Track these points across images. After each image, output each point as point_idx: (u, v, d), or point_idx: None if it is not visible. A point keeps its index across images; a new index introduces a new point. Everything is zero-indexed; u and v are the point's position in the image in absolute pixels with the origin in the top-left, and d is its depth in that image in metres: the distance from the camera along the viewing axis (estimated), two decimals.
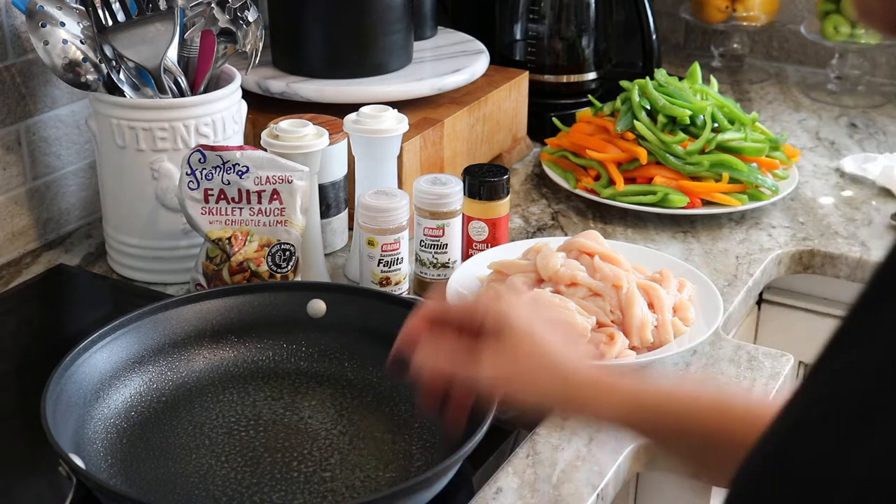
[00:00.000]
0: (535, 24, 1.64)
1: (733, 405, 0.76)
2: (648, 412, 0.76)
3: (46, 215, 1.33)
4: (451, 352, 0.80)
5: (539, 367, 0.78)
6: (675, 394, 0.78)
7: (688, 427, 0.75)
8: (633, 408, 0.76)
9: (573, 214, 1.42)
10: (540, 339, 0.78)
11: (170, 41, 1.18)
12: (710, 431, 0.74)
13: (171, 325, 1.02)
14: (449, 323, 0.82)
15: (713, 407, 0.76)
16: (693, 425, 0.75)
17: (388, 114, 1.21)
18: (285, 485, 0.89)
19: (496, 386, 0.80)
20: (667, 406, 0.77)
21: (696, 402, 0.76)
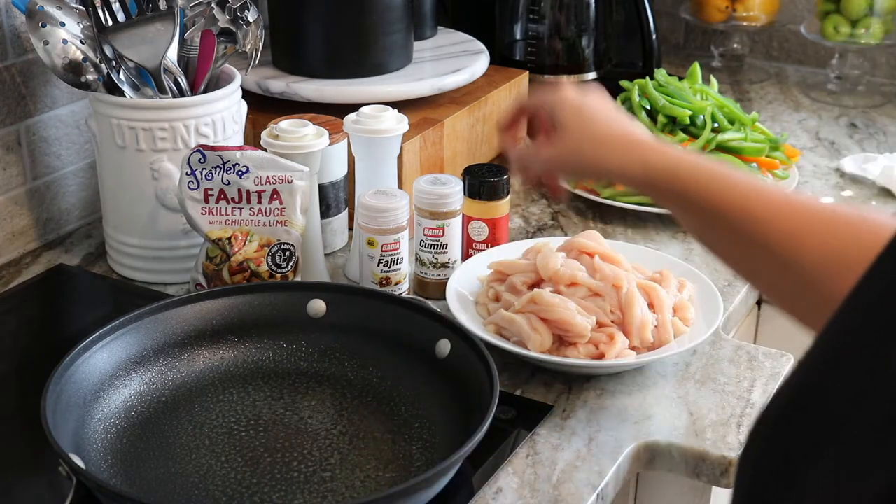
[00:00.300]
0: (535, 24, 1.64)
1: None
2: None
3: (46, 215, 1.33)
4: (525, 150, 0.99)
5: (594, 139, 0.91)
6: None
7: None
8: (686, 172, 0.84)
9: (573, 214, 1.42)
10: (589, 114, 0.92)
11: (170, 41, 1.18)
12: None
13: (171, 325, 1.02)
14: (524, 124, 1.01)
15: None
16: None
17: (388, 114, 1.21)
18: (285, 485, 0.89)
19: (560, 164, 0.96)
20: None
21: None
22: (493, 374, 0.92)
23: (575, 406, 1.03)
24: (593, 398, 1.04)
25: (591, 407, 1.03)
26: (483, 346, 0.97)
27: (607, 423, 1.00)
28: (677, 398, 1.04)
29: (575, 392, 1.05)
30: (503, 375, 1.06)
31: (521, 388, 1.06)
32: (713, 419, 1.01)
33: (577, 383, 1.06)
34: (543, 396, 1.04)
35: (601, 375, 1.07)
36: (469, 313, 1.11)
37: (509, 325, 1.06)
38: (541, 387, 1.06)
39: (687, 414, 1.02)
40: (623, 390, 1.05)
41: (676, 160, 0.85)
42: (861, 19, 1.80)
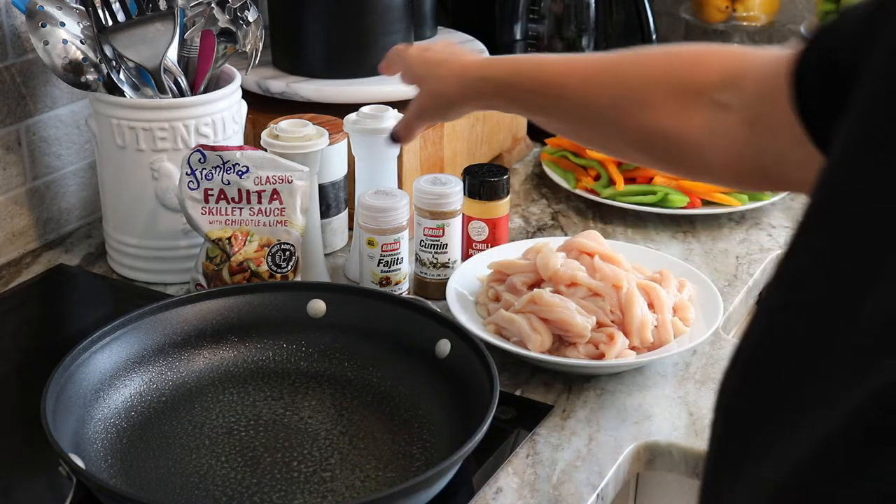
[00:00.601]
0: (535, 24, 1.64)
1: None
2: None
3: (46, 215, 1.33)
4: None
5: (439, 78, 1.01)
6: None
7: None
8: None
9: (573, 214, 1.42)
10: (433, 59, 1.03)
11: (170, 41, 1.18)
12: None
13: (171, 325, 1.02)
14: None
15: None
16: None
17: (388, 113, 1.21)
18: (285, 485, 0.89)
19: (424, 109, 1.04)
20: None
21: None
22: (493, 374, 0.92)
23: (575, 406, 1.03)
24: (593, 398, 1.04)
25: (591, 407, 1.03)
26: (483, 346, 0.97)
27: (607, 423, 1.00)
28: (677, 398, 1.04)
29: (575, 392, 1.05)
30: (503, 375, 1.06)
31: (521, 388, 1.06)
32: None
33: (577, 383, 1.06)
34: (543, 396, 1.04)
35: (601, 375, 1.07)
36: (469, 313, 1.11)
37: (509, 325, 1.06)
38: (541, 387, 1.06)
39: (687, 414, 1.02)
40: (623, 390, 1.05)
41: (507, 67, 0.97)
42: None
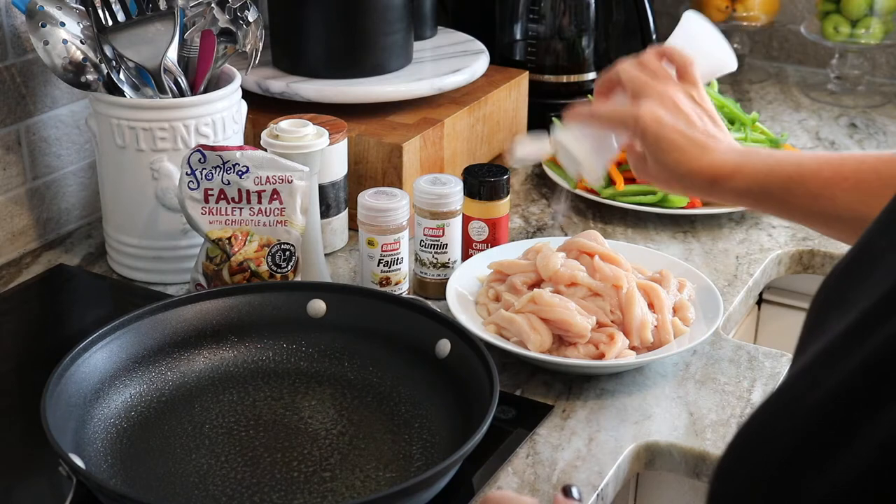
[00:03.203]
0: (535, 24, 1.64)
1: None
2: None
3: (46, 215, 1.33)
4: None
5: (673, 179, 0.95)
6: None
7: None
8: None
9: (573, 214, 1.42)
10: (666, 147, 0.94)
11: (170, 41, 1.18)
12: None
13: (171, 325, 1.02)
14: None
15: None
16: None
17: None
18: (285, 485, 0.89)
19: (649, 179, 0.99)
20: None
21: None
22: (493, 374, 0.92)
23: (575, 406, 1.03)
24: (593, 398, 1.04)
25: (591, 407, 1.03)
26: (483, 346, 0.97)
27: (607, 423, 1.00)
28: (677, 398, 1.04)
29: (575, 392, 1.05)
30: (503, 375, 1.06)
31: (521, 388, 1.06)
32: (713, 419, 1.01)
33: (577, 383, 1.06)
34: (543, 396, 1.04)
35: (601, 375, 1.07)
36: (469, 313, 1.11)
37: (509, 325, 1.06)
38: (541, 387, 1.06)
39: (687, 414, 1.02)
40: (623, 390, 1.05)
41: (762, 176, 0.91)
42: (861, 19, 1.80)
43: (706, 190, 0.94)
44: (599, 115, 0.98)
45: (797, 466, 0.44)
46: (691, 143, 0.93)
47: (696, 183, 0.94)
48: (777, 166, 0.91)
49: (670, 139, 0.93)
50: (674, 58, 0.99)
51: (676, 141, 0.93)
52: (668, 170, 0.94)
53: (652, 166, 0.96)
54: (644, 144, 0.95)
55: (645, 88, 0.96)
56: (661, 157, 0.94)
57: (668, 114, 0.94)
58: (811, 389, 0.46)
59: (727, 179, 0.92)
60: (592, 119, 0.98)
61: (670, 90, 0.95)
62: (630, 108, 0.95)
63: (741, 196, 0.93)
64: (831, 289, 0.53)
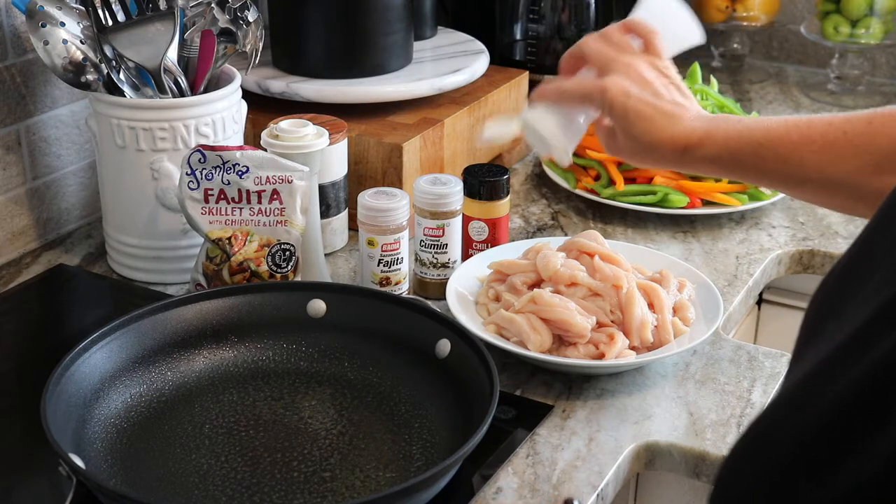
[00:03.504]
0: (535, 24, 1.64)
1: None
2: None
3: (46, 215, 1.33)
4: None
5: (640, 151, 0.95)
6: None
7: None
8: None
9: (573, 214, 1.42)
10: (633, 119, 0.93)
11: (170, 41, 1.18)
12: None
13: (171, 325, 1.02)
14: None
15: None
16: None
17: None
18: (285, 485, 0.89)
19: (615, 154, 0.99)
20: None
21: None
22: (493, 374, 0.92)
23: (575, 406, 1.03)
24: (593, 398, 1.04)
25: (591, 407, 1.03)
26: (483, 346, 0.97)
27: (607, 423, 1.00)
28: (677, 398, 1.04)
29: (575, 392, 1.05)
30: (503, 375, 1.06)
31: (521, 388, 1.06)
32: (713, 419, 1.01)
33: (577, 383, 1.06)
34: (543, 396, 1.04)
35: (601, 375, 1.07)
36: (469, 313, 1.11)
37: (509, 325, 1.06)
38: (541, 387, 1.06)
39: (687, 414, 1.02)
40: (623, 390, 1.05)
41: (732, 142, 0.92)
42: (861, 19, 1.80)
43: (677, 159, 0.94)
44: (566, 90, 0.98)
45: (798, 474, 0.44)
46: (659, 113, 0.93)
47: (667, 153, 0.94)
48: (746, 131, 0.91)
49: (638, 110, 0.93)
50: (637, 29, 0.99)
51: (644, 111, 0.93)
52: (638, 141, 0.94)
53: (621, 139, 0.96)
54: (612, 117, 0.95)
55: (610, 62, 0.96)
56: (629, 129, 0.94)
57: (635, 85, 0.94)
58: (813, 399, 0.46)
59: (697, 147, 0.92)
60: (559, 95, 0.98)
61: (635, 62, 0.95)
62: (596, 81, 0.95)
63: (712, 163, 0.93)
64: (830, 290, 0.53)
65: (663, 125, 0.93)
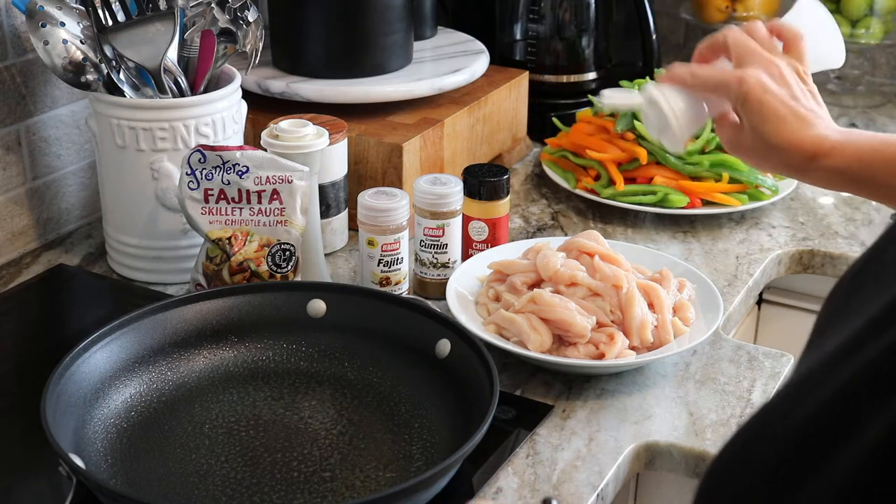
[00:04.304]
0: (535, 24, 1.64)
1: None
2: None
3: (46, 215, 1.33)
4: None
5: (768, 155, 0.92)
6: None
7: None
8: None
9: (573, 214, 1.42)
10: (766, 123, 0.90)
11: (170, 41, 1.18)
12: None
13: (171, 325, 1.02)
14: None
15: None
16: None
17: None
18: (285, 485, 0.89)
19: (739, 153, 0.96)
20: None
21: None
22: (493, 374, 0.92)
23: (575, 406, 1.03)
24: (593, 398, 1.04)
25: (591, 407, 1.03)
26: (483, 346, 0.97)
27: (607, 423, 1.00)
28: (677, 398, 1.04)
29: (575, 392, 1.05)
30: (503, 375, 1.06)
31: (521, 388, 1.06)
32: (713, 419, 1.01)
33: (577, 383, 1.06)
34: (543, 396, 1.04)
35: (601, 375, 1.07)
36: (469, 313, 1.11)
37: (509, 325, 1.06)
38: (541, 387, 1.06)
39: (687, 414, 1.02)
40: (623, 390, 1.05)
41: (865, 156, 0.88)
42: (861, 19, 1.80)
43: (803, 165, 0.90)
44: (701, 74, 0.94)
45: (795, 469, 0.45)
46: (794, 115, 0.90)
47: (794, 157, 0.90)
48: (881, 146, 0.88)
49: (773, 107, 0.90)
50: (783, 32, 0.96)
51: (779, 110, 0.90)
52: (766, 140, 0.91)
53: (748, 136, 0.92)
54: (744, 110, 0.92)
55: (751, 54, 0.93)
56: (760, 126, 0.91)
57: (774, 82, 0.91)
58: (809, 395, 0.46)
59: (826, 156, 0.89)
60: (692, 78, 0.95)
61: (777, 60, 0.93)
62: (735, 70, 0.92)
63: (840, 175, 0.89)
64: (840, 296, 0.53)
65: (796, 127, 0.90)
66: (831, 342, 0.48)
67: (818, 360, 0.47)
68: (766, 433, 0.47)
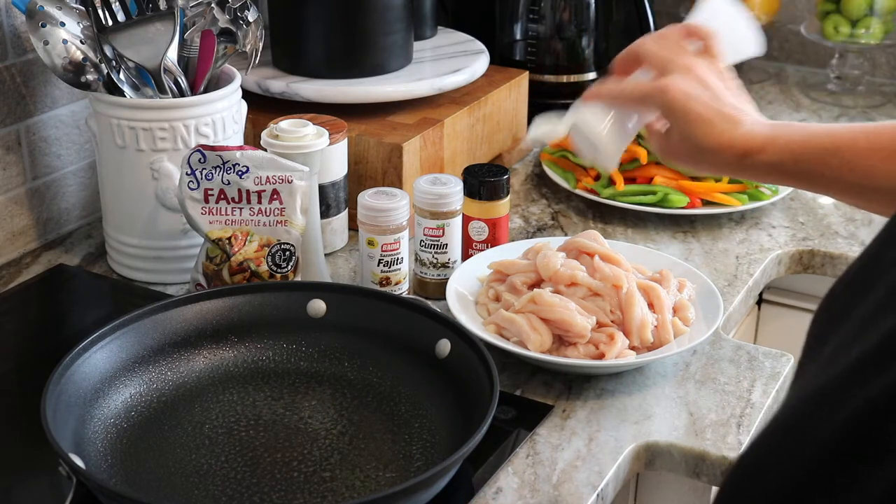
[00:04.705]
0: (535, 24, 1.64)
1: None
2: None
3: (46, 215, 1.33)
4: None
5: (694, 158, 0.93)
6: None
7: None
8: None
9: (573, 214, 1.42)
10: (692, 125, 0.91)
11: (170, 41, 1.18)
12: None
13: (171, 325, 1.02)
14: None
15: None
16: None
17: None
18: (285, 485, 0.89)
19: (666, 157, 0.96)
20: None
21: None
22: (493, 374, 0.92)
23: (575, 406, 1.03)
24: (593, 398, 1.04)
25: (591, 407, 1.03)
26: (483, 346, 0.97)
27: (607, 423, 1.00)
28: (677, 398, 1.04)
29: (575, 392, 1.05)
30: (503, 375, 1.06)
31: (521, 388, 1.06)
32: (713, 419, 1.01)
33: (577, 383, 1.06)
34: (543, 396, 1.04)
35: (601, 375, 1.07)
36: (469, 313, 1.11)
37: (509, 325, 1.06)
38: (541, 387, 1.06)
39: (687, 414, 1.02)
40: (623, 390, 1.05)
41: (796, 148, 0.89)
42: (861, 19, 1.80)
43: (735, 165, 0.91)
44: (622, 90, 0.95)
45: (812, 493, 0.44)
46: (720, 116, 0.91)
47: (726, 157, 0.91)
48: (811, 137, 0.88)
49: (698, 111, 0.90)
50: (695, 32, 0.96)
51: (704, 113, 0.90)
52: (696, 145, 0.91)
53: (678, 143, 0.93)
54: (671, 119, 0.92)
55: (669, 62, 0.93)
56: (688, 132, 0.91)
57: (696, 87, 0.91)
58: (817, 425, 0.45)
59: (758, 152, 0.89)
60: (615, 96, 0.95)
61: (695, 64, 0.93)
62: (656, 82, 0.93)
63: (773, 170, 0.90)
64: (837, 300, 0.53)
65: (724, 128, 0.90)
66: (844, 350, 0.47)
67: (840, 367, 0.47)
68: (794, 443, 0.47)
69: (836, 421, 0.44)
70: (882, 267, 0.50)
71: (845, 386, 0.45)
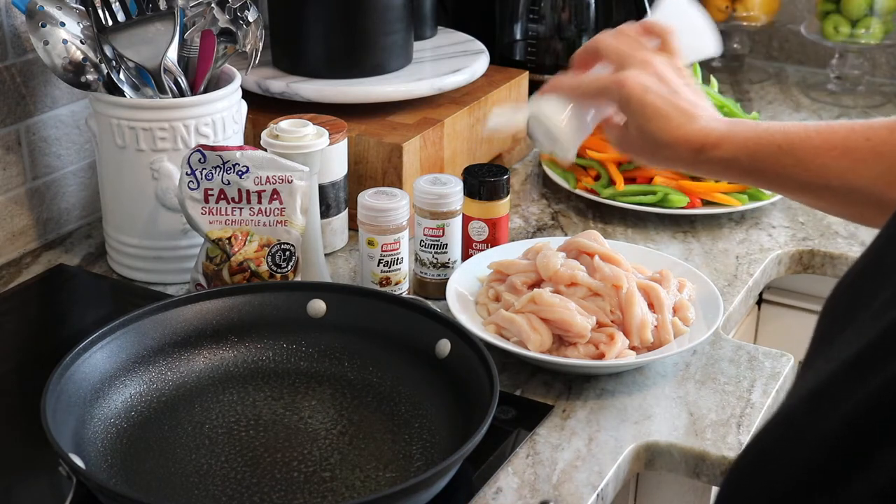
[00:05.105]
0: (535, 24, 1.64)
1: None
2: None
3: (46, 215, 1.33)
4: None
5: (650, 150, 0.94)
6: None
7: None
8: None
9: (573, 214, 1.42)
10: (650, 116, 0.91)
11: (170, 41, 1.18)
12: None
13: (171, 325, 1.02)
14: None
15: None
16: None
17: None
18: (285, 485, 0.89)
19: (622, 149, 0.98)
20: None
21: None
22: (493, 374, 0.92)
23: (575, 406, 1.03)
24: (593, 398, 1.04)
25: (591, 407, 1.03)
26: (483, 346, 0.97)
27: (607, 423, 1.00)
28: (677, 398, 1.04)
29: (575, 392, 1.05)
30: (503, 375, 1.06)
31: (521, 388, 1.06)
32: (713, 419, 1.01)
33: (577, 383, 1.06)
34: (543, 396, 1.04)
35: (601, 375, 1.07)
36: (469, 313, 1.11)
37: (509, 325, 1.06)
38: (541, 387, 1.06)
39: (687, 414, 1.02)
40: (623, 390, 1.05)
41: (750, 145, 0.90)
42: (861, 19, 1.80)
43: (691, 159, 0.92)
44: (581, 83, 0.96)
45: (811, 488, 0.44)
46: (677, 110, 0.91)
47: (681, 151, 0.92)
48: (766, 134, 0.89)
49: (655, 106, 0.91)
50: (653, 29, 0.97)
51: (661, 108, 0.91)
52: (652, 139, 0.92)
53: (635, 136, 0.94)
54: (628, 112, 0.93)
55: (627, 57, 0.94)
56: (645, 125, 0.92)
57: (653, 81, 0.92)
58: (819, 417, 0.46)
59: (713, 148, 0.90)
60: (573, 89, 0.96)
61: (653, 59, 0.94)
62: (613, 75, 0.94)
63: (727, 166, 0.91)
64: (842, 298, 0.53)
65: (680, 123, 0.91)
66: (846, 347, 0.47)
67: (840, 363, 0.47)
68: (795, 439, 0.47)
69: (837, 416, 0.44)
70: (884, 268, 0.50)
71: (846, 381, 0.45)
